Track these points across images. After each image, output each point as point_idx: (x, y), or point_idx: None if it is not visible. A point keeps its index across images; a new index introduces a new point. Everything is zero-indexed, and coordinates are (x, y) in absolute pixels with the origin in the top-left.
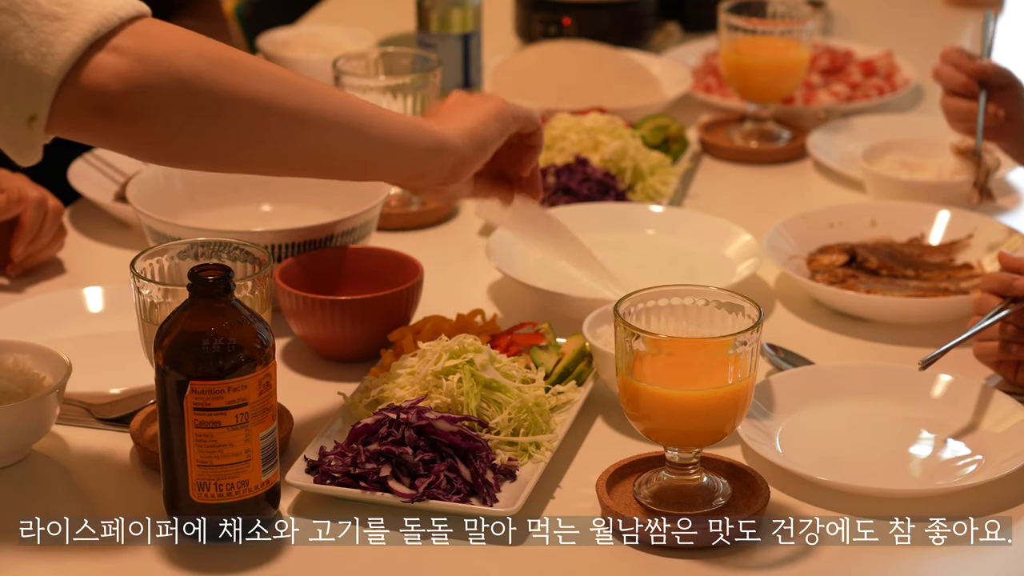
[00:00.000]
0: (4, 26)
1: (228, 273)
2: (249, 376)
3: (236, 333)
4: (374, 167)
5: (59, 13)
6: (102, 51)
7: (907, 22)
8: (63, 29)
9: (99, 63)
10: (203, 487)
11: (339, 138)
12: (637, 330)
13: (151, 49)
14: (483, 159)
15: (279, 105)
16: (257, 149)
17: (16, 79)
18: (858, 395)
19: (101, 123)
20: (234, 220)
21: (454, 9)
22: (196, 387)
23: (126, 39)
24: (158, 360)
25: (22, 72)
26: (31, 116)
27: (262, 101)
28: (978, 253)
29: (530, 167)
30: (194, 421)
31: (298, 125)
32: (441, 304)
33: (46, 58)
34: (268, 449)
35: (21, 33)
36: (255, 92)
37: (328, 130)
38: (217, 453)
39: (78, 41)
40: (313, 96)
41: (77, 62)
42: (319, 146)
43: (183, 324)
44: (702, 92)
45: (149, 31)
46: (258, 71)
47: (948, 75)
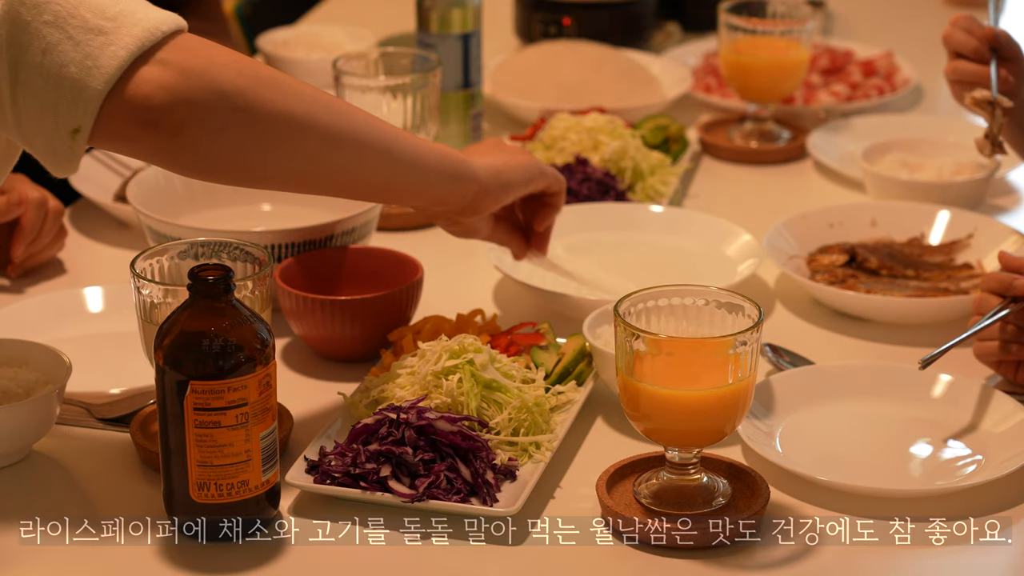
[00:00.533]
0: (50, 39)
1: (228, 273)
2: (249, 376)
3: (236, 333)
4: (400, 189)
5: (104, 27)
6: (147, 64)
7: (907, 22)
8: (109, 43)
9: (144, 76)
10: (203, 487)
11: (371, 159)
12: (637, 330)
13: (194, 63)
14: (504, 199)
15: (316, 125)
16: (291, 166)
17: (61, 92)
18: (858, 395)
19: (144, 135)
20: (234, 220)
21: (454, 9)
22: (196, 387)
23: (169, 52)
24: (158, 360)
25: (67, 85)
26: (75, 128)
27: (300, 120)
28: (978, 253)
29: (546, 224)
30: (194, 421)
31: (333, 145)
32: (441, 304)
33: (91, 71)
34: (268, 449)
35: (67, 47)
36: (294, 111)
37: (361, 151)
38: (217, 453)
39: (124, 55)
40: (348, 117)
41: (123, 75)
42: (351, 166)
43: (183, 324)
44: (702, 92)
45: (191, 45)
46: (297, 91)
47: (959, 39)
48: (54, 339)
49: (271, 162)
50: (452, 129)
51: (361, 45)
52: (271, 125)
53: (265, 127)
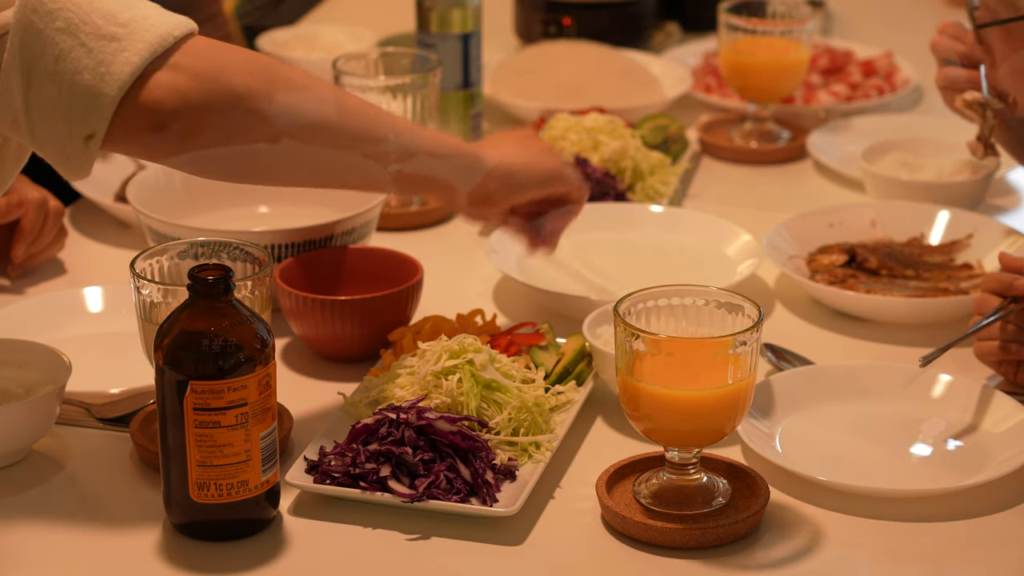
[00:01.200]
0: (62, 46)
1: (228, 273)
2: (249, 376)
3: (236, 333)
4: (410, 182)
5: (117, 33)
6: (159, 70)
7: (907, 22)
8: (121, 49)
9: (157, 81)
10: (203, 487)
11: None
12: (637, 330)
13: (206, 66)
14: (513, 199)
15: (328, 125)
16: (303, 165)
17: (74, 99)
18: (858, 395)
19: (157, 139)
20: (234, 220)
21: (454, 9)
22: (196, 387)
23: (181, 57)
24: (158, 360)
25: (80, 92)
26: (89, 135)
27: (312, 121)
28: (978, 253)
29: (561, 227)
30: (194, 421)
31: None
32: (441, 304)
33: (105, 78)
34: (268, 449)
35: (79, 53)
36: (306, 111)
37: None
38: (217, 453)
39: (137, 61)
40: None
41: (136, 81)
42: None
43: (183, 324)
44: (702, 92)
45: (202, 49)
46: (309, 89)
47: (947, 45)
48: (54, 339)
49: (284, 162)
50: (452, 129)
51: (361, 45)
52: (283, 126)
53: (277, 128)
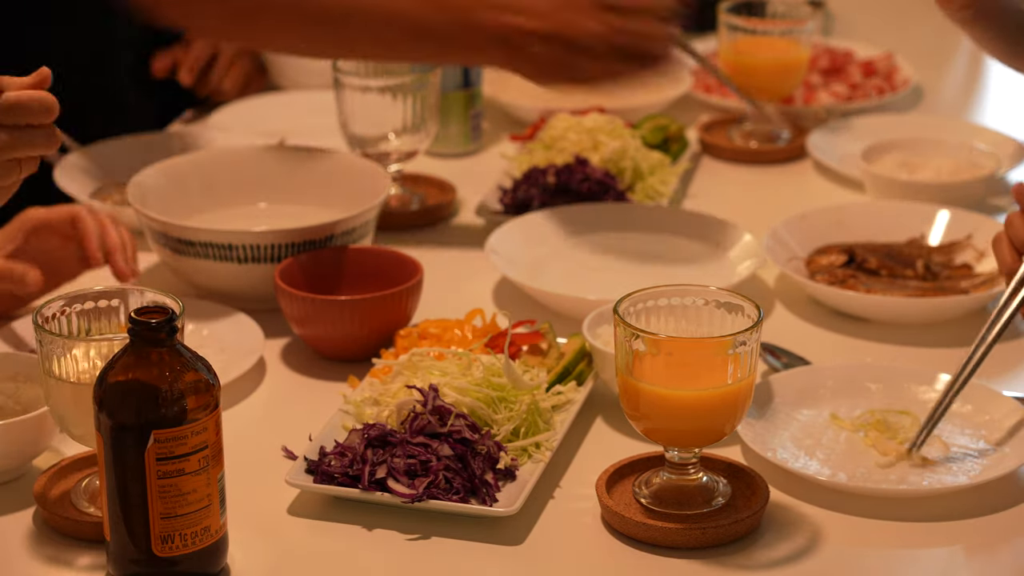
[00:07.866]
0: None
1: (172, 315)
2: (209, 417)
3: (190, 375)
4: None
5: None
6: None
7: (907, 22)
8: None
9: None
10: (167, 540)
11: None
12: (637, 330)
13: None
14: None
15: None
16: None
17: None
18: (858, 395)
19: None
20: (234, 220)
21: None
22: (160, 436)
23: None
24: (104, 416)
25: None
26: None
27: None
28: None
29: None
30: (156, 472)
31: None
32: (441, 304)
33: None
34: (222, 492)
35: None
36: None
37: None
38: (181, 502)
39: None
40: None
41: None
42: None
43: (131, 372)
44: (702, 92)
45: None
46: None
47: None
48: None
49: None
50: (452, 129)
51: None
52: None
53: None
